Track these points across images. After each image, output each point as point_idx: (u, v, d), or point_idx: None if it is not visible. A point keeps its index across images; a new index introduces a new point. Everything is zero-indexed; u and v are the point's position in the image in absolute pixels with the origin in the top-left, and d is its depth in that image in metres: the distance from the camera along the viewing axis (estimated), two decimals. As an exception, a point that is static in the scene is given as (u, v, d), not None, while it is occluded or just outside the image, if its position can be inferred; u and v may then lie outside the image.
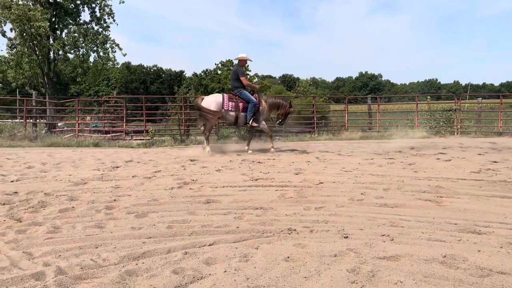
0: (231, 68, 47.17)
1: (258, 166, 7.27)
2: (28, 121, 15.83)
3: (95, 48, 21.41)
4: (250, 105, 9.63)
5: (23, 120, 15.36)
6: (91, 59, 22.29)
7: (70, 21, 21.02)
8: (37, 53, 19.76)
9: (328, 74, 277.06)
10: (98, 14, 21.22)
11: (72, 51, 21.22)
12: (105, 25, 21.43)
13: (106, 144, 13.19)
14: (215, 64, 56.68)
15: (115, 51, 21.86)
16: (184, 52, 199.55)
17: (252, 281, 2.34)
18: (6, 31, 19.55)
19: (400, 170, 6.53)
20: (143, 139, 14.45)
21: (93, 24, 21.38)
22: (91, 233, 3.26)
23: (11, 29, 19.21)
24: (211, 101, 9.63)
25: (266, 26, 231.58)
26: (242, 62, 10.20)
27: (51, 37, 20.09)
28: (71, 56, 21.76)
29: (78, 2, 20.81)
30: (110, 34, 21.82)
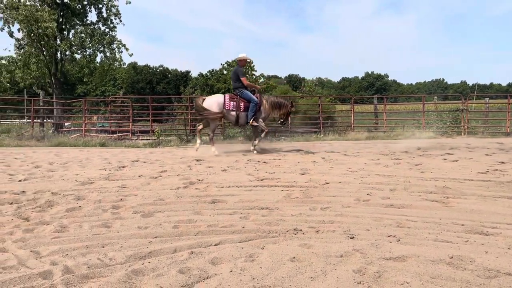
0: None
1: (264, 166, 7.27)
2: (35, 121, 15.93)
3: (101, 49, 21.48)
4: (252, 105, 9.63)
5: (31, 120, 15.46)
6: (98, 59, 22.38)
7: (77, 22, 21.11)
8: (44, 53, 19.87)
9: (334, 74, 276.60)
10: (105, 15, 21.29)
11: (79, 52, 21.31)
12: (111, 25, 21.49)
13: (113, 144, 13.25)
14: (221, 64, 56.80)
15: (122, 51, 21.91)
16: (190, 52, 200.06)
17: (258, 281, 2.34)
18: (14, 31, 19.69)
19: (407, 170, 6.50)
20: (149, 139, 14.51)
21: (100, 25, 21.46)
22: (97, 233, 3.28)
23: (18, 30, 19.32)
24: (213, 102, 9.65)
25: (272, 27, 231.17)
26: (242, 62, 10.21)
27: (58, 38, 20.19)
28: (78, 56, 21.88)
29: (85, 3, 20.89)
30: (116, 34, 21.87)
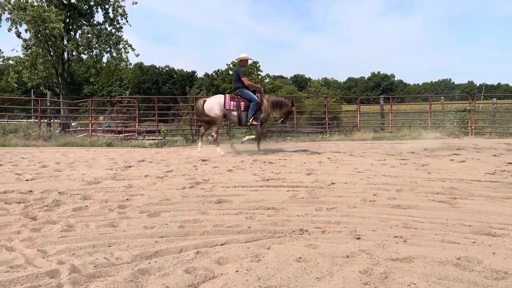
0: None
1: (270, 166, 7.26)
2: (42, 121, 16.04)
3: (108, 49, 21.60)
4: (252, 104, 9.62)
5: (38, 120, 15.57)
6: (104, 59, 22.52)
7: (84, 22, 21.25)
8: (51, 53, 20.03)
9: (340, 74, 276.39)
10: (111, 15, 21.41)
11: (85, 52, 21.46)
12: (118, 26, 21.61)
13: (119, 144, 13.31)
14: (227, 64, 56.83)
15: (128, 52, 22.03)
16: (196, 53, 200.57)
17: (263, 281, 2.34)
18: (21, 32, 19.88)
19: (413, 171, 6.46)
20: (155, 139, 14.56)
21: (106, 25, 21.58)
22: (104, 232, 3.29)
23: (26, 30, 19.50)
24: (214, 103, 9.68)
25: (278, 27, 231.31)
26: (243, 62, 10.21)
27: (65, 38, 20.33)
28: (84, 56, 22.05)
29: (92, 3, 21.02)
30: (123, 34, 22.00)
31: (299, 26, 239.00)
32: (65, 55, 20.69)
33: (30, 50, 20.22)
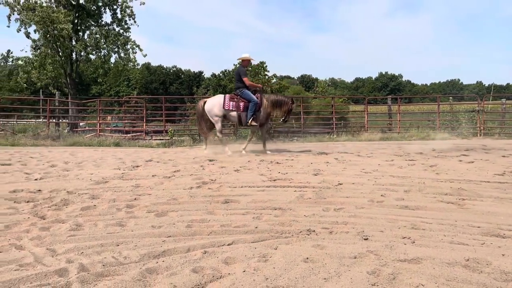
0: (249, 68, 47.27)
1: (277, 166, 7.26)
2: (51, 120, 16.18)
3: (116, 49, 21.69)
4: (251, 104, 9.58)
5: (46, 120, 15.71)
6: (112, 60, 22.61)
7: (92, 23, 21.37)
8: (60, 54, 20.17)
9: (347, 74, 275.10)
10: (119, 16, 21.49)
11: (94, 52, 21.57)
12: (126, 26, 21.68)
13: (127, 143, 13.38)
14: (234, 64, 56.88)
15: (136, 52, 22.08)
16: (203, 53, 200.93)
17: (271, 282, 2.34)
18: (30, 32, 20.03)
19: (421, 171, 6.42)
20: (162, 139, 14.62)
21: (114, 26, 21.67)
22: (112, 231, 3.31)
23: (35, 31, 19.65)
24: (214, 103, 9.71)
25: (285, 27, 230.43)
26: (245, 62, 10.20)
27: (73, 39, 20.46)
28: (92, 57, 22.13)
29: (100, 4, 21.13)
30: (131, 35, 22.08)
31: (306, 26, 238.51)
32: (74, 56, 20.82)
33: (39, 50, 20.37)
